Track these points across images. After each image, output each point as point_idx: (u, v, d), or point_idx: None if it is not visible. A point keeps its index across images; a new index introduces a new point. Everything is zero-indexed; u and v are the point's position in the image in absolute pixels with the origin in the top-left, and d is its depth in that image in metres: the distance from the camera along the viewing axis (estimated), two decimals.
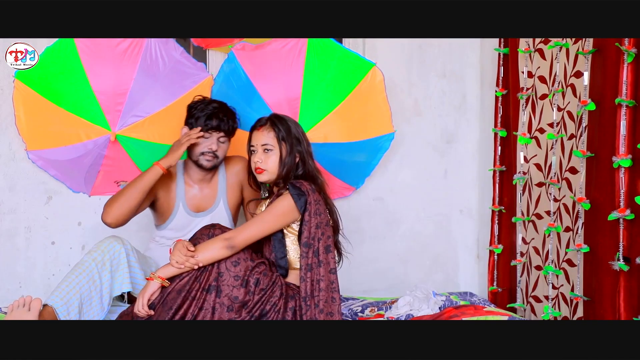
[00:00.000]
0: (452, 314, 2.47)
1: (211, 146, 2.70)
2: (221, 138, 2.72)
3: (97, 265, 2.43)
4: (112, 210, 2.57)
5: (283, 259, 2.46)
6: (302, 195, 2.40)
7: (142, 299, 2.31)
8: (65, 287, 2.38)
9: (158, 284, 2.33)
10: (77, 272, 2.41)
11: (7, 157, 3.03)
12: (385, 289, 3.33)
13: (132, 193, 2.57)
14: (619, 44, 2.30)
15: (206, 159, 2.71)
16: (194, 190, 2.80)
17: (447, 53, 3.40)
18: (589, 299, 2.50)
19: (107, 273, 2.45)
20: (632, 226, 2.31)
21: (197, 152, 2.71)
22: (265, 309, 2.35)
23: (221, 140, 2.73)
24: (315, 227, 2.40)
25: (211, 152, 2.71)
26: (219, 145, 2.72)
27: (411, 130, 3.38)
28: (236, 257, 2.35)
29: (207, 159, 2.71)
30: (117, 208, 2.56)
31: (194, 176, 2.79)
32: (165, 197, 2.75)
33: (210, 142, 2.70)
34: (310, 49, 3.04)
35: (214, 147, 2.71)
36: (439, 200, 3.45)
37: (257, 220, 2.41)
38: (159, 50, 2.95)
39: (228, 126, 2.72)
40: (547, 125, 2.82)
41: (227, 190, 2.83)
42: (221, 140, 2.73)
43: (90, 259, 2.44)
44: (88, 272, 2.42)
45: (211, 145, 2.70)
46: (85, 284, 2.41)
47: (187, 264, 2.32)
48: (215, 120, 2.69)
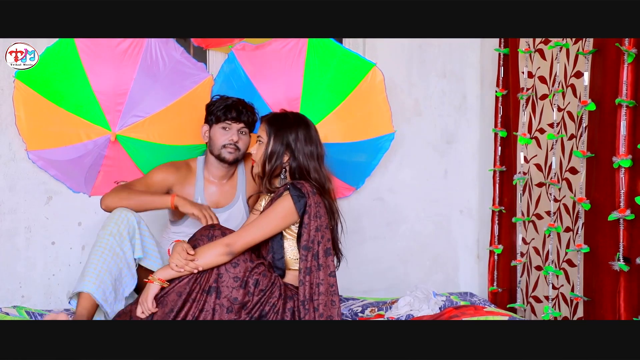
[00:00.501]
0: (452, 314, 2.47)
1: (232, 137, 2.71)
2: (242, 129, 2.73)
3: (115, 238, 2.44)
4: (111, 203, 2.56)
5: (280, 260, 2.45)
6: (302, 197, 2.38)
7: (147, 304, 2.30)
8: (93, 270, 2.39)
9: (158, 286, 2.33)
10: (100, 251, 2.42)
11: (7, 157, 3.03)
12: (385, 289, 3.33)
13: (135, 204, 2.56)
14: (619, 44, 2.29)
15: (228, 152, 2.72)
16: (214, 187, 2.80)
17: (447, 53, 3.40)
18: (589, 299, 2.50)
19: (127, 242, 2.46)
20: (632, 226, 2.31)
21: (218, 144, 2.72)
22: (265, 310, 2.35)
23: (242, 131, 2.73)
24: (315, 230, 2.39)
25: (232, 144, 2.71)
26: (239, 136, 2.72)
27: (411, 131, 3.38)
28: (235, 258, 2.34)
29: (229, 151, 2.72)
30: (111, 202, 2.56)
31: (215, 173, 2.79)
32: (181, 193, 2.74)
33: (231, 133, 2.71)
34: (310, 49, 3.04)
35: (235, 138, 2.71)
36: (439, 201, 3.45)
37: (257, 224, 2.40)
38: (159, 51, 2.95)
39: (248, 117, 2.73)
40: (547, 125, 2.82)
41: (247, 187, 2.83)
42: (242, 131, 2.73)
43: (107, 234, 2.44)
44: (110, 248, 2.43)
45: (232, 136, 2.71)
46: (111, 260, 2.42)
47: (186, 267, 2.31)
48: (234, 112, 2.70)
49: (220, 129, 2.72)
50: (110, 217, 2.49)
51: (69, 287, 3.10)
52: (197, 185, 2.78)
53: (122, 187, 2.64)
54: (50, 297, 3.10)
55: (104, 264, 2.40)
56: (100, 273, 2.39)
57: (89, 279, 2.38)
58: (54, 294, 3.11)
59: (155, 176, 2.73)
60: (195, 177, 2.79)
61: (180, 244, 2.35)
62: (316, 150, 2.49)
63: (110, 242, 2.43)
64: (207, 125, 2.76)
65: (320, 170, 2.48)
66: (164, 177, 2.73)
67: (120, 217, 2.47)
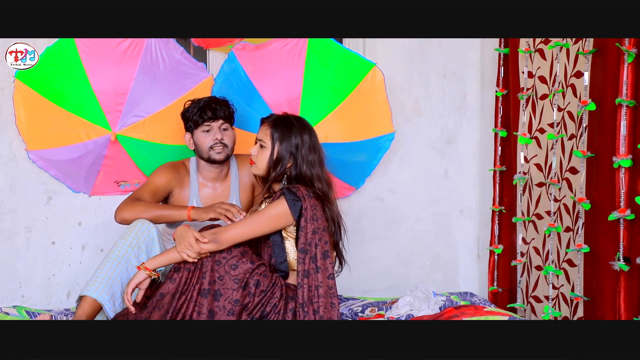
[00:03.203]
0: (452, 314, 2.47)
1: (216, 136, 2.70)
2: (223, 125, 2.72)
3: (133, 249, 2.46)
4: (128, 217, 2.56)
5: (283, 263, 2.45)
6: (297, 201, 2.38)
7: (128, 288, 2.30)
8: (104, 276, 2.41)
9: (144, 275, 2.32)
10: (114, 259, 2.44)
11: (8, 157, 3.03)
12: (385, 289, 3.33)
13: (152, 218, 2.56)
14: (619, 44, 2.29)
15: (217, 152, 2.71)
16: (208, 189, 2.80)
17: (447, 53, 3.40)
18: (589, 299, 2.50)
19: (144, 255, 2.48)
20: (632, 226, 2.31)
21: (205, 148, 2.71)
22: (266, 311, 2.35)
23: (223, 127, 2.72)
24: (312, 232, 2.38)
25: (218, 143, 2.70)
26: (223, 133, 2.72)
27: (411, 130, 3.38)
28: (235, 260, 2.34)
29: (217, 152, 2.71)
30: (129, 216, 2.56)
31: (208, 175, 2.79)
32: (179, 194, 2.75)
33: (213, 133, 2.70)
34: (310, 49, 3.04)
35: (219, 136, 2.70)
36: (439, 200, 3.45)
37: (247, 220, 2.40)
38: (159, 50, 2.95)
39: (224, 112, 2.72)
40: (547, 125, 2.82)
41: (240, 189, 2.83)
42: (223, 127, 2.72)
43: (126, 244, 2.46)
44: (126, 259, 2.45)
45: (216, 135, 2.70)
46: (125, 271, 2.44)
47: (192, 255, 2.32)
48: (209, 111, 2.69)
49: (202, 132, 2.71)
50: (131, 228, 2.51)
51: (69, 287, 3.10)
52: (192, 187, 2.78)
53: (135, 200, 2.62)
54: (50, 297, 3.10)
55: (115, 272, 2.43)
56: (110, 280, 2.42)
57: (98, 284, 2.40)
58: (54, 294, 3.11)
59: (158, 180, 2.73)
60: (189, 178, 2.79)
61: (188, 230, 2.34)
62: (318, 157, 2.49)
63: (127, 252, 2.46)
64: (189, 133, 2.75)
65: (322, 178, 2.47)
66: (167, 179, 2.73)
67: (141, 228, 2.50)
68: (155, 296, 2.34)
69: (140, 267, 2.33)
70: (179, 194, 2.76)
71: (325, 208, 2.44)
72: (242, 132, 3.04)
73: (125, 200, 2.63)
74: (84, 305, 2.39)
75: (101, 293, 2.39)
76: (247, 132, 3.05)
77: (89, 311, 2.40)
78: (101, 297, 2.39)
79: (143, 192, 2.67)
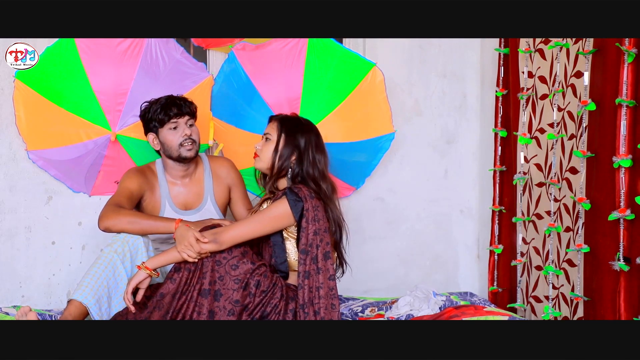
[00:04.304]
0: (452, 314, 2.47)
1: (185, 132, 2.67)
2: (189, 121, 2.70)
3: (119, 256, 2.47)
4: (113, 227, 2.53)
5: (283, 264, 2.46)
6: (299, 202, 2.38)
7: (128, 286, 2.32)
8: (90, 282, 2.43)
9: (144, 274, 2.33)
10: (100, 265, 2.46)
11: (8, 157, 3.03)
12: (385, 289, 3.33)
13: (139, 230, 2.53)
14: (620, 44, 2.29)
15: (187, 149, 2.68)
16: (178, 187, 2.79)
17: (447, 53, 3.40)
18: (589, 299, 2.50)
19: (128, 263, 2.49)
20: (632, 226, 2.31)
21: (174, 146, 2.68)
22: (266, 311, 2.35)
23: (189, 123, 2.70)
24: (314, 233, 2.38)
25: (188, 139, 2.68)
26: (190, 129, 2.70)
27: (411, 130, 3.38)
28: (236, 260, 2.34)
29: (187, 148, 2.68)
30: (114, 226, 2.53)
31: (175, 173, 2.77)
32: (150, 197, 2.74)
33: (181, 129, 2.67)
34: (310, 49, 3.04)
35: (188, 132, 2.68)
36: (439, 200, 3.45)
37: (249, 220, 2.41)
38: (159, 50, 2.95)
39: (189, 107, 2.70)
40: (547, 125, 2.82)
41: (214, 188, 2.81)
42: (189, 123, 2.70)
43: (112, 251, 2.48)
44: (112, 265, 2.47)
45: (184, 131, 2.67)
46: (112, 276, 2.47)
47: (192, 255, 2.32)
48: (174, 108, 2.66)
49: (169, 130, 2.68)
50: (118, 235, 2.51)
51: (69, 286, 3.10)
52: (162, 187, 2.77)
53: (118, 207, 2.56)
54: (50, 297, 3.10)
55: (100, 278, 2.44)
56: (96, 285, 2.44)
57: (84, 288, 2.42)
58: (54, 294, 3.11)
59: (131, 185, 2.69)
60: (158, 180, 2.78)
61: (189, 230, 2.34)
62: (323, 159, 2.49)
63: (114, 259, 2.47)
64: (152, 133, 2.71)
65: (328, 179, 2.48)
66: (138, 184, 2.70)
67: (127, 236, 2.51)
68: (155, 296, 2.34)
69: (140, 267, 2.34)
70: (150, 198, 2.74)
71: (328, 209, 2.44)
72: (242, 132, 3.05)
73: (107, 208, 2.57)
74: (70, 308, 2.43)
75: (87, 297, 2.41)
76: (247, 132, 3.05)
77: (76, 313, 2.43)
78: (87, 301, 2.41)
79: (121, 199, 2.62)
